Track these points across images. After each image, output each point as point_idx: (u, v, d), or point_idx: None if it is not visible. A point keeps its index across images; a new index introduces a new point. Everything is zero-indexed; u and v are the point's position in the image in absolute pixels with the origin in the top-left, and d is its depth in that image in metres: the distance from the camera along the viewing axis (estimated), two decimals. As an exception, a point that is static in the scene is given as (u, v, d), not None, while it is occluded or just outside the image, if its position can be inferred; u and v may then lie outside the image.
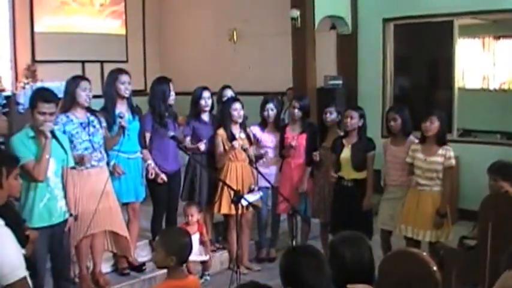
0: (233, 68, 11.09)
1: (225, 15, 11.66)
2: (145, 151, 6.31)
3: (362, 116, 6.55)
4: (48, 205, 4.99)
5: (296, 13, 9.02)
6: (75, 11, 11.62)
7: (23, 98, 7.99)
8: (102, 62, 11.40)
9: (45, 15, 11.18)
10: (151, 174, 6.28)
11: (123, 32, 12.36)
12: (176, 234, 4.19)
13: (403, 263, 3.07)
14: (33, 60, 10.81)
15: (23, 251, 3.01)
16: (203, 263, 6.65)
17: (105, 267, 6.28)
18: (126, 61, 11.66)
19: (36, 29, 11.05)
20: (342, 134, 6.71)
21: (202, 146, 6.60)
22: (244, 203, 5.14)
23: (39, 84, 8.58)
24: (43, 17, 11.15)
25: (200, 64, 11.85)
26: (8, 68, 10.56)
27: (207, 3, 12.09)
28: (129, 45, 12.37)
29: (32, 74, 10.34)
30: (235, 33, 11.56)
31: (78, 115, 5.62)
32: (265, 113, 7.01)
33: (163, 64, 12.47)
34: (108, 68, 6.84)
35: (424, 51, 9.91)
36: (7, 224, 3.01)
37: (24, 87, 9.64)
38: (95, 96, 5.77)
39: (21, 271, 2.91)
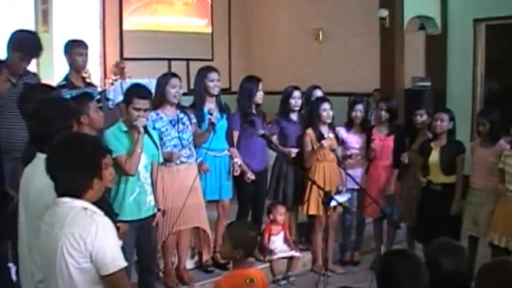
0: (318, 68, 10.97)
1: (311, 14, 11.59)
2: (233, 149, 6.33)
3: (452, 119, 6.40)
4: (137, 199, 5.05)
5: (385, 13, 8.90)
6: (162, 10, 11.82)
7: (113, 94, 8.15)
8: (188, 60, 11.55)
9: (134, 14, 11.41)
10: (236, 171, 6.29)
11: (209, 30, 12.47)
12: (244, 227, 4.27)
13: (503, 273, 2.97)
14: (121, 58, 11.05)
15: (120, 242, 3.04)
16: (290, 259, 6.67)
17: (190, 264, 6.33)
18: (212, 59, 11.75)
19: (125, 27, 11.28)
20: (430, 136, 6.57)
21: (293, 154, 6.57)
22: (333, 203, 5.07)
23: (128, 81, 8.74)
24: (131, 16, 11.37)
25: (285, 63, 11.82)
26: (97, 64, 10.80)
27: (292, 2, 12.07)
28: (214, 44, 12.47)
29: (120, 71, 10.57)
30: (320, 33, 11.48)
31: (168, 112, 5.69)
32: (354, 114, 6.90)
33: (248, 63, 12.48)
34: (194, 66, 6.94)
35: (517, 53, 9.61)
36: None
37: (112, 84, 9.83)
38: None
39: (121, 261, 2.93)
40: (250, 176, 6.36)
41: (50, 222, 2.98)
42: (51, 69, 9.63)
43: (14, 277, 5.43)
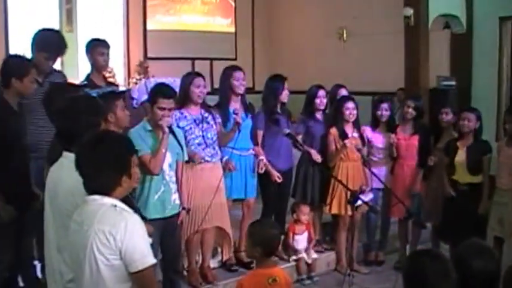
0: (342, 67, 10.89)
1: (334, 13, 11.53)
2: (258, 148, 6.32)
3: (479, 118, 6.35)
4: (162, 198, 5.08)
5: (409, 11, 8.83)
6: (185, 10, 11.86)
7: (137, 93, 8.18)
8: (211, 59, 11.56)
9: (157, 14, 11.46)
10: (261, 169, 6.27)
11: (233, 30, 12.48)
12: (263, 226, 4.30)
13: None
14: (145, 57, 11.09)
15: (150, 240, 3.04)
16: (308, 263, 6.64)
17: (213, 263, 6.31)
18: (235, 59, 11.76)
19: (149, 26, 11.34)
20: (456, 135, 6.51)
21: (315, 157, 6.52)
22: (359, 202, 5.06)
23: (152, 80, 8.76)
24: (155, 15, 11.43)
25: (308, 62, 11.77)
26: (121, 64, 10.86)
27: (316, 0, 12.01)
28: (238, 43, 12.48)
29: (144, 70, 10.63)
30: (344, 32, 11.43)
31: (192, 111, 5.71)
32: (379, 112, 6.84)
33: (271, 62, 12.47)
34: (217, 65, 6.94)
35: (543, 51, 9.48)
36: None
37: (136, 83, 9.87)
38: (205, 93, 5.83)
39: (150, 258, 2.94)
40: (278, 178, 6.36)
41: (79, 221, 3.00)
42: (76, 69, 9.70)
43: (39, 275, 5.48)
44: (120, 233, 2.86)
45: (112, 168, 3.00)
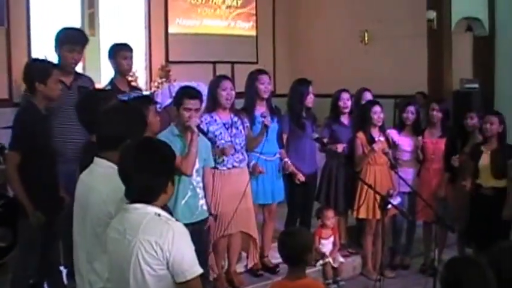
0: (364, 70, 10.82)
1: (356, 16, 11.49)
2: (282, 150, 6.30)
3: (502, 122, 6.30)
4: (189, 203, 5.06)
5: (432, 14, 8.85)
6: (207, 13, 11.88)
7: (161, 97, 8.18)
8: (232, 63, 11.57)
9: (179, 17, 11.48)
10: (288, 167, 6.25)
11: (254, 33, 12.50)
12: (292, 235, 4.25)
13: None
14: (167, 61, 11.12)
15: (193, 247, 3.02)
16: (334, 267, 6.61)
17: (239, 267, 6.29)
18: (256, 62, 11.74)
19: (170, 30, 11.37)
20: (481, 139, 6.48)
21: (340, 148, 6.53)
22: (388, 206, 5.04)
23: (175, 84, 8.78)
24: (177, 19, 11.45)
25: (330, 65, 11.72)
26: (142, 68, 10.88)
27: (338, 3, 11.98)
28: (259, 47, 12.50)
29: (165, 74, 10.65)
30: (366, 35, 11.38)
31: (222, 116, 5.70)
32: (405, 115, 6.84)
33: (293, 65, 12.46)
34: (239, 69, 6.92)
35: None
36: None
37: (158, 87, 9.90)
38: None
39: (198, 268, 2.90)
40: (300, 177, 6.33)
41: (121, 229, 2.94)
42: (98, 73, 9.74)
43: (65, 281, 5.48)
44: (168, 244, 2.82)
45: (163, 174, 2.98)
